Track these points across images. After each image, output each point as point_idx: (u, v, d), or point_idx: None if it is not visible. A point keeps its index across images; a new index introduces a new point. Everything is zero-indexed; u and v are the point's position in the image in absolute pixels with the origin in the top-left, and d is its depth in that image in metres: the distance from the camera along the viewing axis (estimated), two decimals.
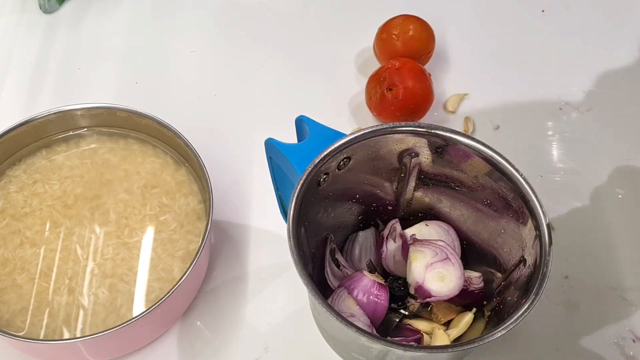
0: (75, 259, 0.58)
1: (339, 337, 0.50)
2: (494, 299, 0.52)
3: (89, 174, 0.62)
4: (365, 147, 0.50)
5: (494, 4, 0.81)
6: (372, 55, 0.75)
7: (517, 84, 0.74)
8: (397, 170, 0.53)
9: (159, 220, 0.60)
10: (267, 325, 0.59)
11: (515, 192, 0.48)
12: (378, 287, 0.52)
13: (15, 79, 0.76)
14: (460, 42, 0.78)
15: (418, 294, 0.51)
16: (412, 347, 0.44)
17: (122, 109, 0.62)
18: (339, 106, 0.73)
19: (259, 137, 0.56)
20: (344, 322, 0.42)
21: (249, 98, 0.74)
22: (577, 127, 0.71)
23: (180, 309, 0.59)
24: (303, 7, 0.82)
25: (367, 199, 0.55)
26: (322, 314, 0.48)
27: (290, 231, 0.45)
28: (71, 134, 0.64)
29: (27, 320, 0.55)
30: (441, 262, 0.51)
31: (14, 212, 0.60)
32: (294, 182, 0.48)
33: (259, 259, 0.63)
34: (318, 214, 0.52)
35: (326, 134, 0.50)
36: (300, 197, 0.47)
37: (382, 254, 0.55)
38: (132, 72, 0.76)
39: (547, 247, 0.45)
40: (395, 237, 0.54)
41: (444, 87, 0.74)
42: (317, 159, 0.48)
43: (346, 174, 0.51)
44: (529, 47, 0.77)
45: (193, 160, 0.60)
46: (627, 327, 0.59)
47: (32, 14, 0.81)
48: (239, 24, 0.81)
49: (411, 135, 0.50)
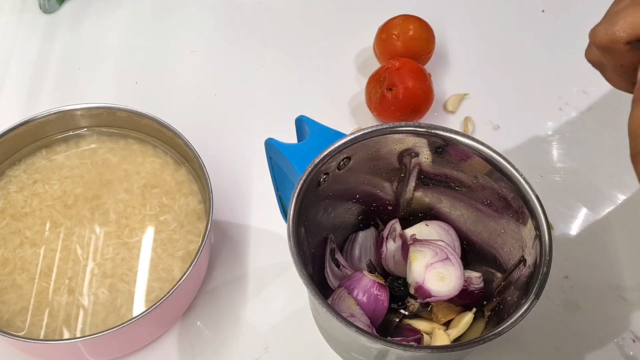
0: (75, 259, 0.58)
1: (339, 337, 0.50)
2: (494, 299, 0.52)
3: (89, 174, 0.62)
4: (365, 147, 0.50)
5: (494, 4, 0.81)
6: (372, 55, 0.75)
7: (517, 84, 0.74)
8: (397, 170, 0.53)
9: (159, 220, 0.60)
10: (267, 325, 0.59)
11: (515, 192, 0.48)
12: (378, 287, 0.52)
13: (15, 79, 0.76)
14: (460, 42, 0.78)
15: (418, 294, 0.51)
16: (412, 347, 0.44)
17: (122, 109, 0.62)
18: (339, 106, 0.73)
19: (259, 137, 0.56)
20: (344, 322, 0.42)
21: (249, 98, 0.74)
22: (577, 127, 0.71)
23: (180, 309, 0.59)
24: (303, 7, 0.82)
25: (367, 199, 0.55)
26: (322, 314, 0.48)
27: (290, 231, 0.45)
28: (71, 134, 0.64)
29: (27, 320, 0.55)
30: (441, 262, 0.51)
31: (14, 212, 0.60)
32: (294, 182, 0.48)
33: (259, 259, 0.63)
34: (318, 214, 0.52)
35: (326, 134, 0.50)
36: (301, 197, 0.47)
37: (382, 254, 0.55)
38: (132, 72, 0.76)
39: (547, 247, 0.45)
40: (395, 237, 0.54)
41: (444, 87, 0.74)
42: (317, 159, 0.48)
43: (346, 174, 0.51)
44: (529, 47, 0.77)
45: (193, 160, 0.60)
46: (627, 327, 0.59)
47: (32, 13, 0.81)
48: (239, 24, 0.81)
49: (411, 135, 0.50)
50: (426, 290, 0.51)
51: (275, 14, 0.81)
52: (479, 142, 0.49)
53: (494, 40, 0.78)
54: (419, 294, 0.51)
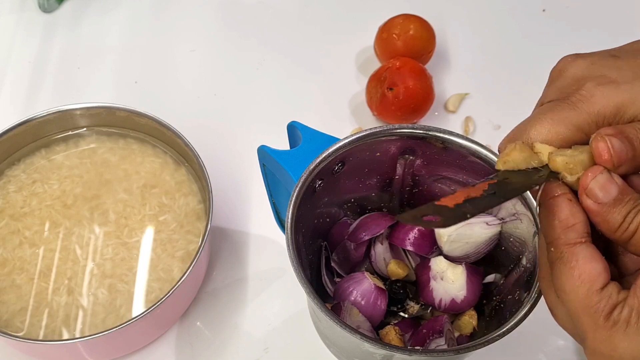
0: (74, 259, 0.58)
1: (341, 344, 0.49)
2: (494, 298, 0.52)
3: (88, 174, 0.62)
4: (360, 151, 0.49)
5: (495, 4, 0.81)
6: (372, 55, 0.75)
7: (518, 84, 0.74)
8: (392, 172, 0.53)
9: (158, 220, 0.60)
10: (267, 326, 0.59)
11: None
12: (377, 290, 0.51)
13: (14, 79, 0.75)
14: (460, 41, 0.78)
15: (446, 309, 0.51)
16: (417, 351, 0.44)
17: (122, 108, 0.62)
18: (340, 106, 0.73)
19: (259, 136, 0.56)
20: (348, 329, 0.42)
21: (249, 97, 0.74)
22: None
23: (180, 309, 0.59)
24: (303, 6, 0.82)
25: (362, 203, 0.55)
26: (324, 322, 0.48)
27: (289, 240, 0.45)
28: (70, 133, 0.64)
29: (27, 320, 0.55)
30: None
31: (13, 212, 0.60)
32: (288, 189, 0.47)
33: (259, 260, 0.63)
34: (314, 219, 0.52)
35: (319, 139, 0.50)
36: (297, 205, 0.46)
37: (372, 257, 0.55)
38: (131, 72, 0.76)
39: None
40: (382, 239, 0.54)
41: (444, 86, 0.74)
42: (312, 165, 0.47)
43: (341, 178, 0.51)
44: (530, 47, 0.77)
45: (193, 160, 0.59)
46: None
47: (32, 13, 0.81)
48: (238, 23, 0.80)
49: (406, 138, 0.49)
50: (457, 304, 0.50)
51: (276, 13, 0.81)
52: (476, 144, 0.48)
53: (494, 40, 0.78)
54: (447, 309, 0.51)
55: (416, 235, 0.52)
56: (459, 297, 0.50)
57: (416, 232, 0.52)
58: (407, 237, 0.52)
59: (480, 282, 0.51)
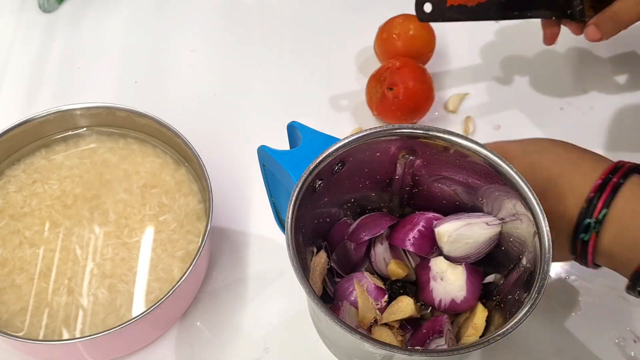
0: (74, 259, 0.58)
1: (342, 344, 0.49)
2: (494, 298, 0.52)
3: (88, 174, 0.62)
4: (360, 151, 0.49)
5: None
6: (372, 55, 0.75)
7: (518, 84, 0.74)
8: (392, 172, 0.53)
9: (158, 220, 0.60)
10: (267, 326, 0.59)
11: (513, 190, 0.47)
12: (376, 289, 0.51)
13: (14, 79, 0.75)
14: (460, 41, 0.78)
15: (446, 309, 0.51)
16: (417, 351, 0.44)
17: (122, 108, 0.62)
18: (340, 105, 0.73)
19: (259, 136, 0.56)
20: (348, 329, 0.42)
21: (249, 97, 0.74)
22: (578, 127, 0.71)
23: (180, 309, 0.59)
24: (303, 6, 0.82)
25: (362, 202, 0.55)
26: (325, 322, 0.48)
27: (289, 240, 0.45)
28: (70, 133, 0.64)
29: (27, 320, 0.55)
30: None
31: (13, 212, 0.60)
32: (288, 189, 0.47)
33: (259, 260, 0.63)
34: (314, 219, 0.52)
35: (319, 139, 0.50)
36: (297, 205, 0.46)
37: (372, 257, 0.55)
38: (131, 72, 0.76)
39: (546, 244, 0.45)
40: (382, 240, 0.54)
41: (444, 86, 0.74)
42: (312, 165, 0.47)
43: (341, 178, 0.51)
44: (530, 47, 0.77)
45: (193, 159, 0.59)
46: (628, 327, 0.59)
47: (32, 13, 0.81)
48: (238, 23, 0.80)
49: (406, 138, 0.49)
50: (457, 304, 0.50)
51: (276, 14, 0.81)
52: (476, 144, 0.48)
53: (494, 40, 0.78)
54: (447, 309, 0.51)
55: (416, 235, 0.52)
56: (459, 297, 0.50)
57: (416, 232, 0.52)
58: (407, 238, 0.52)
59: (480, 282, 0.51)
